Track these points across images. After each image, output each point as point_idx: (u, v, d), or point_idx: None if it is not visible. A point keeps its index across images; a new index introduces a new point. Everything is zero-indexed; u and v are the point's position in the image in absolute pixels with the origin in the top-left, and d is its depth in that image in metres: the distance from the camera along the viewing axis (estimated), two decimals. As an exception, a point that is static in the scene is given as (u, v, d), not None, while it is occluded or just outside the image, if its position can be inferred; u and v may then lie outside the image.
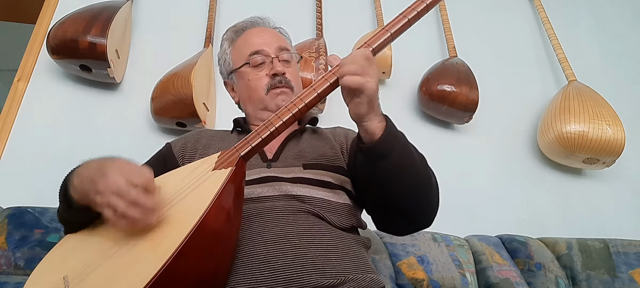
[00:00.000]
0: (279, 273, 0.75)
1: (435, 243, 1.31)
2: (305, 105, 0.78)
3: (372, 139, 0.79)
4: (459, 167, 1.70)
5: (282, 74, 1.01)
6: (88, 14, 1.44)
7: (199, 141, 1.01)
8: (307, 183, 0.89)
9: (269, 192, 0.87)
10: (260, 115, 1.02)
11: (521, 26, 2.16)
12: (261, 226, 0.81)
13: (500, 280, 1.26)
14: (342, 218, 0.88)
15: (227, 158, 0.77)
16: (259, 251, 0.78)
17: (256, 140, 0.77)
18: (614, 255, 1.39)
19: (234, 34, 1.11)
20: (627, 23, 2.30)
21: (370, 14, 1.97)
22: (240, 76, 1.06)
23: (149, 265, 0.61)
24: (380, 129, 0.78)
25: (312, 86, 0.79)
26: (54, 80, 1.53)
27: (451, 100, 1.66)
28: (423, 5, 0.83)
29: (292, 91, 1.02)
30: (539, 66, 2.06)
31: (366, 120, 0.78)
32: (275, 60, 1.02)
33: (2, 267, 1.05)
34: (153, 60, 1.61)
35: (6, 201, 1.20)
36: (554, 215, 1.73)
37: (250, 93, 1.03)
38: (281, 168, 0.92)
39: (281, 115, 0.78)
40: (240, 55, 1.05)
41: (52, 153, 1.41)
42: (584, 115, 1.65)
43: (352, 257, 0.83)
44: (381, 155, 0.79)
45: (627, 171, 1.86)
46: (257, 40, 1.05)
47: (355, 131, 1.07)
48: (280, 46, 1.05)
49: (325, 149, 0.98)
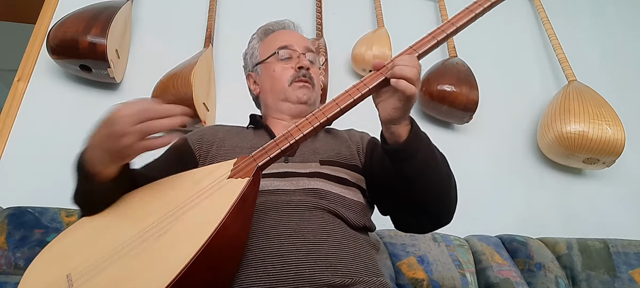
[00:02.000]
0: (291, 268, 0.75)
1: (435, 243, 1.31)
2: (326, 119, 0.77)
3: (397, 141, 0.79)
4: (458, 167, 1.67)
5: (307, 69, 1.04)
6: (88, 14, 1.44)
7: (216, 135, 1.01)
8: (325, 179, 0.90)
9: (286, 185, 0.87)
10: (279, 107, 1.05)
11: (521, 26, 2.16)
12: (276, 219, 0.81)
13: (500, 280, 1.26)
14: (357, 217, 0.88)
15: (244, 166, 0.76)
16: (272, 245, 0.77)
17: (275, 151, 0.76)
18: (614, 255, 1.39)
19: (263, 33, 1.14)
20: (627, 23, 2.30)
21: (370, 14, 1.97)
22: (265, 67, 1.08)
23: (161, 274, 0.60)
24: (407, 130, 0.79)
25: (334, 100, 0.78)
26: (54, 80, 1.53)
27: (451, 100, 1.66)
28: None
29: (313, 88, 1.05)
30: (539, 66, 2.06)
31: (397, 124, 0.79)
32: (302, 55, 1.06)
33: (2, 267, 1.05)
34: (153, 60, 1.61)
35: (6, 201, 1.19)
36: (554, 215, 1.73)
37: (274, 83, 1.05)
38: (298, 163, 0.93)
39: (301, 128, 0.77)
40: (269, 49, 1.08)
41: (52, 153, 1.41)
42: (584, 115, 1.65)
43: (364, 259, 0.83)
44: (408, 155, 0.80)
45: (627, 171, 1.86)
46: (287, 37, 1.09)
47: (369, 134, 1.08)
48: (308, 47, 1.09)
49: (341, 148, 1.00)
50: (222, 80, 1.65)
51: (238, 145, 0.97)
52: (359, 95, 0.77)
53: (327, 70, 1.62)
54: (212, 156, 0.95)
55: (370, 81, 0.78)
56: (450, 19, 0.82)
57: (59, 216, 1.14)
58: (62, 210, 1.16)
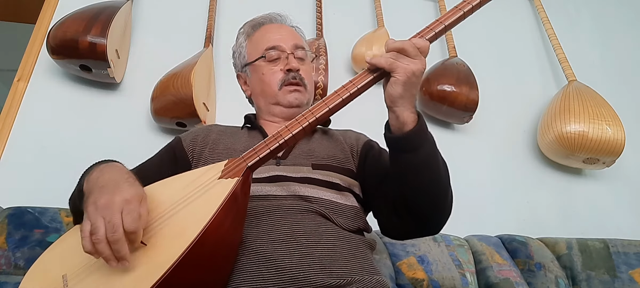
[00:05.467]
0: (285, 273, 0.75)
1: (435, 243, 1.31)
2: (315, 119, 0.77)
3: (402, 129, 0.78)
4: (458, 167, 1.67)
5: (296, 71, 1.01)
6: (88, 14, 1.44)
7: (209, 136, 1.00)
8: (315, 184, 0.89)
9: (277, 191, 0.87)
10: (271, 110, 1.03)
11: (521, 26, 2.16)
12: (269, 225, 0.81)
13: (500, 280, 1.26)
14: (349, 221, 0.88)
15: (234, 167, 0.76)
16: (265, 250, 0.77)
17: (264, 151, 0.76)
18: (614, 255, 1.39)
19: (250, 28, 1.10)
20: (627, 23, 2.30)
21: (370, 14, 1.97)
22: (254, 69, 1.06)
23: (147, 276, 0.61)
24: (412, 120, 0.78)
25: (323, 100, 0.79)
26: (54, 80, 1.53)
27: (451, 100, 1.66)
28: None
29: (305, 89, 1.02)
30: (539, 66, 2.06)
31: (399, 105, 0.77)
32: (291, 56, 1.02)
33: (2, 267, 1.05)
34: (153, 60, 1.61)
35: (6, 201, 1.19)
36: (554, 215, 1.73)
37: (264, 87, 1.03)
38: (290, 166, 0.92)
39: (291, 128, 0.77)
40: (256, 49, 1.05)
41: (52, 153, 1.41)
42: (584, 115, 1.65)
43: (359, 258, 0.83)
44: (410, 147, 0.79)
45: (627, 171, 1.86)
46: (273, 35, 1.05)
47: (366, 135, 1.07)
48: (296, 44, 1.05)
49: (336, 151, 0.98)
50: (222, 80, 1.65)
51: (231, 147, 0.96)
52: (348, 94, 0.78)
53: (327, 70, 1.62)
54: (205, 158, 0.94)
55: (358, 81, 0.78)
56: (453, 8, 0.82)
57: (59, 216, 1.14)
58: (62, 210, 1.16)
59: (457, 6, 0.82)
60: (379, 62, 0.76)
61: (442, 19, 0.81)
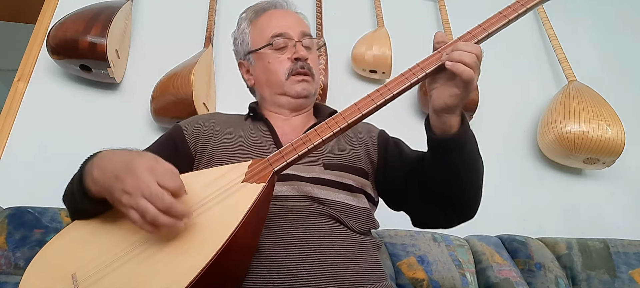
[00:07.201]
0: (297, 278, 0.73)
1: (435, 243, 1.31)
2: (347, 125, 0.74)
3: (448, 132, 0.78)
4: (459, 167, 1.70)
5: (304, 60, 0.97)
6: (88, 14, 1.44)
7: (214, 127, 0.95)
8: (328, 185, 0.86)
9: (288, 191, 0.84)
10: (277, 100, 0.99)
11: (521, 26, 2.15)
12: (281, 227, 0.78)
13: (501, 280, 1.26)
14: (360, 223, 0.86)
15: (259, 170, 0.72)
16: (278, 253, 0.75)
17: (292, 155, 0.73)
18: (614, 255, 1.38)
19: (254, 13, 1.05)
20: (627, 23, 2.30)
21: (370, 14, 1.97)
22: (259, 58, 1.01)
23: (173, 282, 0.59)
24: (458, 122, 0.78)
25: (356, 104, 0.75)
26: (54, 80, 1.53)
27: (451, 100, 1.65)
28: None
29: (313, 79, 0.99)
30: (539, 66, 2.06)
31: (452, 113, 0.76)
32: (299, 44, 0.98)
33: (2, 267, 1.05)
34: (153, 60, 1.61)
35: (6, 201, 1.19)
36: (554, 215, 1.73)
37: (269, 76, 0.99)
38: (301, 165, 0.86)
39: (321, 133, 0.74)
40: (262, 36, 1.00)
41: (52, 153, 1.41)
42: (584, 115, 1.65)
43: (370, 264, 0.82)
44: (457, 146, 0.79)
45: (627, 171, 1.86)
46: (280, 22, 1.01)
47: (376, 126, 1.04)
48: (304, 31, 1.01)
49: (346, 148, 0.94)
50: (222, 80, 1.65)
51: (237, 142, 0.91)
52: (383, 100, 0.74)
53: (327, 70, 1.62)
54: (209, 151, 0.90)
55: (394, 86, 0.75)
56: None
57: (59, 216, 1.14)
58: (62, 210, 1.16)
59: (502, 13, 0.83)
60: (465, 62, 0.71)
61: (485, 26, 0.81)
